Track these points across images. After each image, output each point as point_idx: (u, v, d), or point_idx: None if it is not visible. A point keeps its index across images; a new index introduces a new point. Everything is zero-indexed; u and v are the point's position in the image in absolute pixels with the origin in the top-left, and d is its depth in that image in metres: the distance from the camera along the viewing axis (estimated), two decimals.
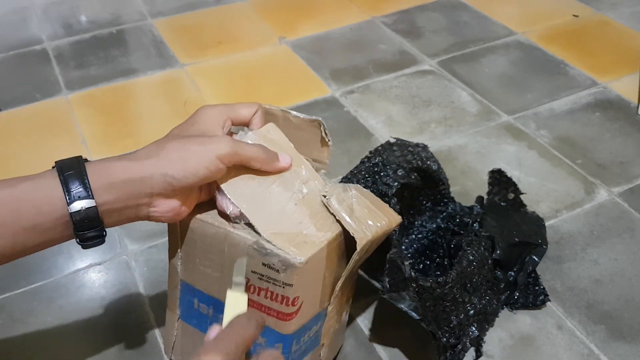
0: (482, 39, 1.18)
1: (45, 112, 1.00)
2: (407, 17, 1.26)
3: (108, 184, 0.44)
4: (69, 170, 0.44)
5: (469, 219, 0.72)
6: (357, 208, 0.51)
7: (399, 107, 1.00)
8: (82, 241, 0.45)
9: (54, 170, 0.45)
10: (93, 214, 0.43)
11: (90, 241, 0.45)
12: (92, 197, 0.43)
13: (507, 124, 0.96)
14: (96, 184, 0.43)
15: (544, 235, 0.74)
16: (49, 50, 1.16)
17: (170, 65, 1.11)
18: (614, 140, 0.92)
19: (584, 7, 1.28)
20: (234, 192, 0.49)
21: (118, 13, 1.28)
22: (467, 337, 0.63)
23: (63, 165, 0.44)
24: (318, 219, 0.50)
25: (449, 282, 0.60)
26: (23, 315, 0.68)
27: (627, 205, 0.81)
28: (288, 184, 0.51)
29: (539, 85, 1.05)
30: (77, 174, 0.44)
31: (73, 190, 0.43)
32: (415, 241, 0.73)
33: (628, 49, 1.14)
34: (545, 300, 0.68)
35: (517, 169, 0.87)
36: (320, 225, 0.49)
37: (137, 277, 0.72)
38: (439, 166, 0.74)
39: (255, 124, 0.53)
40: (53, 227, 0.43)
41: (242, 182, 0.49)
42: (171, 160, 0.45)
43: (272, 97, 1.02)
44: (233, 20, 1.25)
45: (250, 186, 0.49)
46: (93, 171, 0.44)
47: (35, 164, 0.89)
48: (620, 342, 0.65)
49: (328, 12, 1.28)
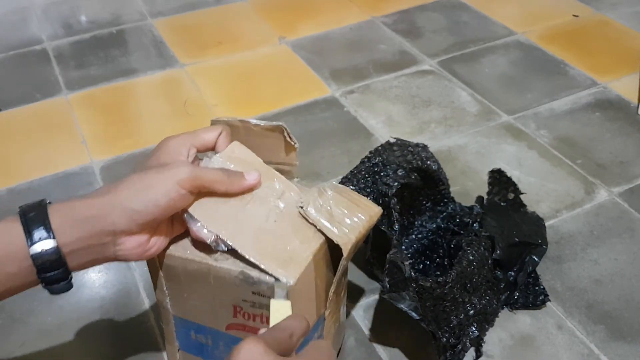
0: (482, 39, 1.18)
1: (45, 112, 1.00)
2: (407, 17, 1.26)
3: (69, 224, 0.43)
4: (30, 212, 0.43)
5: (469, 219, 0.72)
6: (336, 210, 0.50)
7: (399, 107, 1.00)
8: (48, 284, 0.44)
9: (17, 214, 0.43)
10: (55, 256, 0.42)
11: (56, 284, 0.44)
12: (53, 237, 0.42)
13: (507, 124, 0.96)
14: (57, 225, 0.42)
15: (544, 235, 0.74)
16: (49, 50, 1.16)
17: (170, 65, 1.11)
18: (614, 140, 0.92)
19: (584, 7, 1.28)
20: (207, 218, 0.47)
21: (118, 13, 1.28)
22: (467, 337, 0.63)
23: (26, 209, 0.43)
24: (300, 230, 0.49)
25: (449, 282, 0.60)
26: (23, 315, 0.68)
27: (627, 205, 0.81)
28: (263, 201, 0.50)
29: (539, 85, 1.05)
30: (39, 215, 0.42)
31: (35, 233, 0.42)
32: (415, 241, 0.73)
33: (628, 49, 1.14)
34: (545, 300, 0.68)
35: (517, 169, 0.87)
36: (303, 237, 0.49)
37: (137, 277, 0.72)
38: (439, 166, 0.74)
39: (220, 145, 0.51)
40: (18, 272, 0.42)
41: (214, 207, 0.47)
42: (130, 193, 0.43)
43: (272, 97, 1.02)
44: (233, 20, 1.26)
45: (223, 210, 0.48)
46: (55, 211, 0.43)
47: (35, 164, 0.89)
48: (620, 342, 0.65)
49: (328, 12, 1.28)
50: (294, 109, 1.00)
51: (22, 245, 0.42)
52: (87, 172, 0.87)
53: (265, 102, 1.01)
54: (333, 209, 0.50)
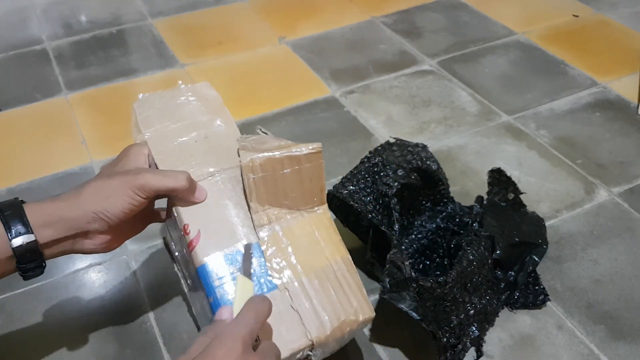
0: (482, 39, 1.18)
1: (45, 112, 1.00)
2: (407, 17, 1.26)
3: (45, 222, 0.49)
4: (8, 210, 0.48)
5: (469, 218, 0.72)
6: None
7: (399, 107, 1.00)
8: (24, 272, 0.50)
9: None
10: (33, 248, 0.48)
11: (31, 272, 0.50)
12: (31, 232, 0.48)
13: (507, 124, 0.96)
14: (34, 222, 0.48)
15: (544, 235, 0.74)
16: (49, 50, 1.16)
17: (170, 65, 1.11)
18: (614, 140, 0.92)
19: (584, 7, 1.28)
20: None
21: (118, 13, 1.28)
22: (467, 337, 0.63)
23: (2, 207, 0.49)
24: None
25: (449, 282, 0.60)
26: (23, 315, 0.68)
27: (627, 205, 0.81)
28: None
29: (539, 85, 1.05)
30: (16, 213, 0.48)
31: (13, 228, 0.48)
32: (415, 241, 0.73)
33: (628, 49, 1.14)
34: (545, 300, 0.68)
35: (517, 169, 0.87)
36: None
37: (137, 277, 0.72)
38: (438, 166, 0.74)
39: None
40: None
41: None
42: (97, 199, 0.49)
43: (272, 97, 1.02)
44: (233, 20, 1.25)
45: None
46: (30, 210, 0.49)
47: (35, 164, 0.89)
48: (620, 342, 0.65)
49: (328, 12, 1.28)
50: (294, 109, 1.00)
51: (3, 241, 0.47)
52: (87, 172, 0.87)
53: (265, 102, 1.01)
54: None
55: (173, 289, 0.70)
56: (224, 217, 0.53)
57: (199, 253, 0.51)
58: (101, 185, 0.50)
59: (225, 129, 0.59)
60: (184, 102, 0.61)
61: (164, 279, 0.72)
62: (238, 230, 0.53)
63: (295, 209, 0.55)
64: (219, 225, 0.53)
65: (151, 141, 0.57)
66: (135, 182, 0.50)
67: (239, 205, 0.54)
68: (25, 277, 0.50)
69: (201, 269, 0.51)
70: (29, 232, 0.48)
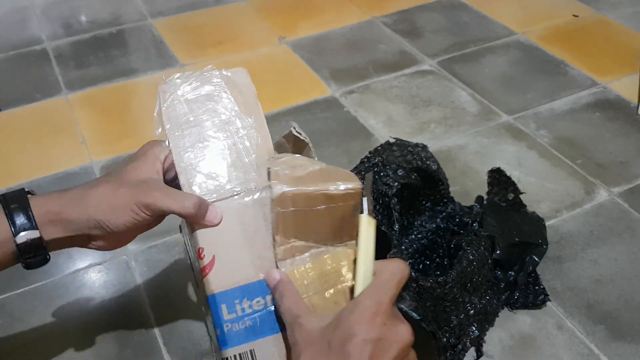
0: (482, 39, 1.18)
1: (45, 112, 1.00)
2: (407, 17, 1.26)
3: (50, 220, 0.48)
4: (13, 203, 0.47)
5: (469, 218, 0.72)
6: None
7: (399, 107, 1.00)
8: (27, 266, 0.49)
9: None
10: (37, 243, 0.47)
11: (34, 264, 0.49)
12: (36, 227, 0.47)
13: (507, 124, 0.96)
14: (40, 219, 0.47)
15: (544, 235, 0.74)
16: (49, 50, 1.16)
17: (170, 65, 1.11)
18: (614, 140, 0.92)
19: (584, 7, 1.28)
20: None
21: (118, 13, 1.28)
22: (467, 337, 0.63)
23: (7, 198, 0.48)
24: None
25: (449, 282, 0.60)
26: (23, 315, 0.68)
27: (627, 205, 0.81)
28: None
29: (539, 85, 1.05)
30: (21, 206, 0.47)
31: (17, 222, 0.47)
32: (415, 241, 0.73)
33: (628, 49, 1.14)
34: (545, 300, 0.68)
35: (517, 169, 0.87)
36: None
37: (137, 277, 0.72)
38: (438, 166, 0.74)
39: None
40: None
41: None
42: (102, 209, 0.48)
43: (272, 97, 1.02)
44: (233, 20, 1.25)
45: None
46: (35, 205, 0.48)
47: (35, 164, 0.89)
48: (620, 342, 0.65)
49: (328, 12, 1.28)
50: (294, 109, 1.00)
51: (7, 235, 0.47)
52: (87, 172, 0.87)
53: (265, 102, 1.01)
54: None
55: (173, 289, 0.70)
56: (243, 244, 0.49)
57: (212, 282, 0.48)
58: (108, 194, 0.48)
59: (256, 135, 0.54)
60: (215, 93, 0.56)
61: (164, 279, 0.72)
62: (256, 261, 0.49)
63: (322, 244, 0.50)
64: (236, 253, 0.49)
65: (173, 142, 0.52)
66: (142, 199, 0.48)
67: (260, 234, 0.49)
68: (28, 266, 0.50)
69: (212, 298, 0.48)
70: (34, 228, 0.47)
